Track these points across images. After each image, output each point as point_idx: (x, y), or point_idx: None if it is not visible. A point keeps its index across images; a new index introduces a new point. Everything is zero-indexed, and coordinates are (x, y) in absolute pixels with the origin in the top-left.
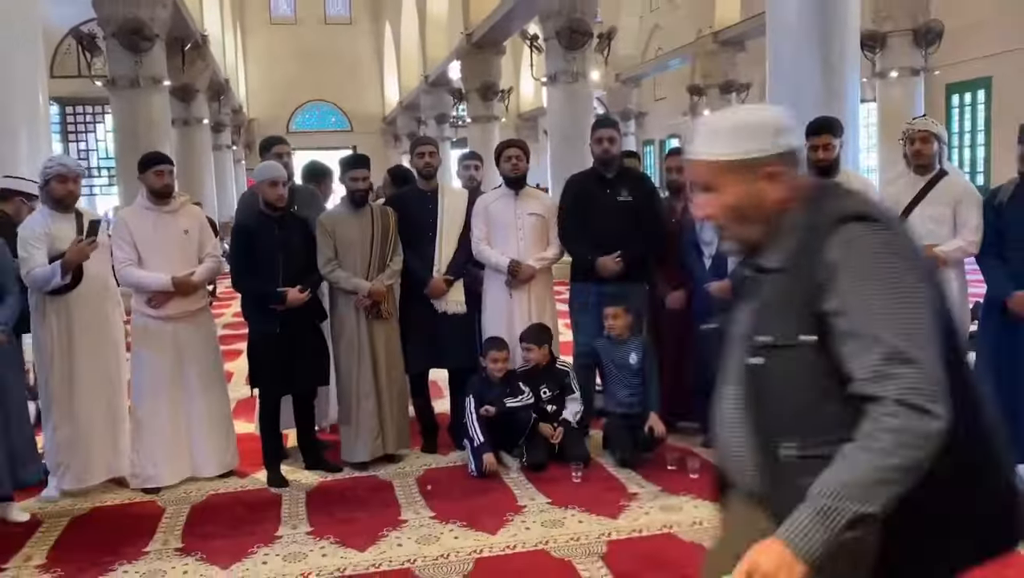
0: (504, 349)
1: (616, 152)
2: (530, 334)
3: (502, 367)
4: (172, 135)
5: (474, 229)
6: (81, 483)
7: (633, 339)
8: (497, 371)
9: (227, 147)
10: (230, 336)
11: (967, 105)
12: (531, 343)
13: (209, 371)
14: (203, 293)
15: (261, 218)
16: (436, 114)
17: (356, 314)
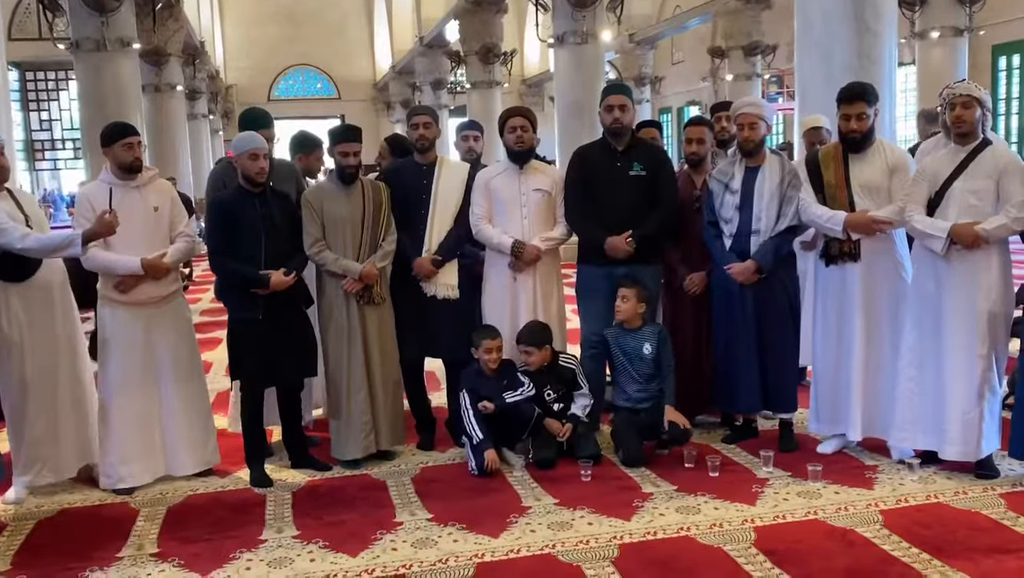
0: (497, 338)
1: (628, 121)
2: (527, 335)
3: (495, 358)
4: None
5: (474, 206)
6: (60, 476)
7: (647, 327)
8: (492, 362)
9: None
10: (208, 323)
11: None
12: (529, 345)
13: (185, 362)
14: (176, 276)
15: (240, 194)
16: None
17: (346, 299)
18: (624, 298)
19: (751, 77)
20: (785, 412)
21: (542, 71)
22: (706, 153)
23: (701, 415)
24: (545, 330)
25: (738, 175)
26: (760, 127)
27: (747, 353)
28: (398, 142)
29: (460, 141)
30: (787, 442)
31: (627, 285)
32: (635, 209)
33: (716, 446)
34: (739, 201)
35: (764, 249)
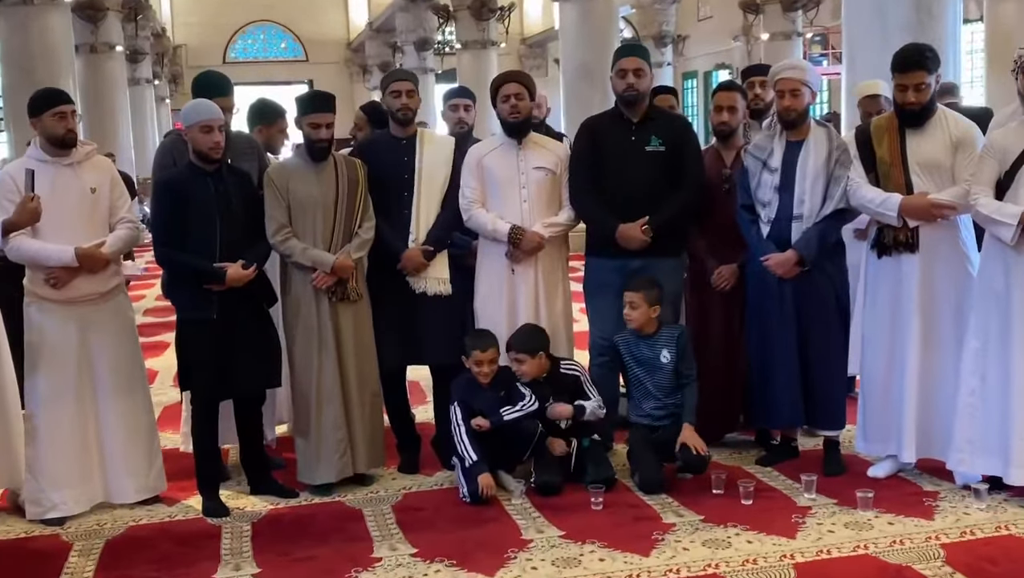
0: (489, 348)
1: (644, 88)
2: (518, 340)
3: (488, 371)
4: (75, 65)
5: (464, 188)
6: None
7: (664, 330)
8: (481, 377)
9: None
10: (153, 325)
11: None
12: (520, 352)
13: (126, 370)
14: (117, 269)
15: (192, 172)
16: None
17: (316, 296)
18: (632, 305)
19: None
20: (831, 429)
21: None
22: (738, 124)
23: (732, 433)
24: (540, 335)
25: (777, 151)
26: (804, 94)
27: (786, 359)
28: (377, 111)
29: (448, 111)
30: (833, 464)
31: (633, 289)
32: (653, 190)
33: (749, 469)
34: (779, 181)
35: (807, 237)
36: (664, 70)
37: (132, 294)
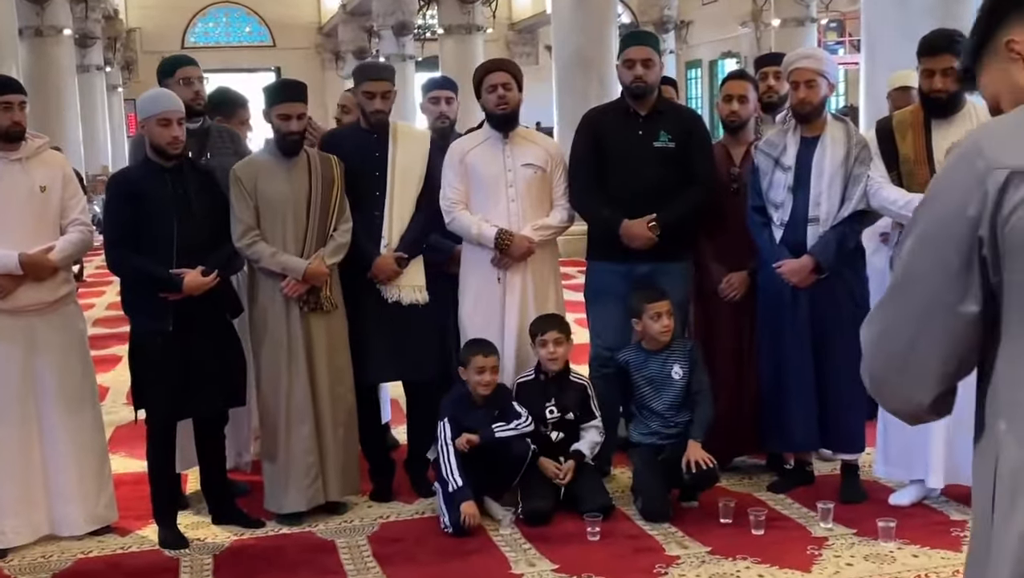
0: (491, 354)
1: (654, 80)
2: (549, 322)
3: (490, 381)
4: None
5: (446, 187)
6: None
7: (676, 343)
8: (483, 387)
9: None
10: (104, 337)
11: None
12: (557, 331)
13: (75, 387)
14: (67, 277)
15: (148, 169)
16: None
17: (286, 306)
18: (657, 315)
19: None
20: (849, 452)
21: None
22: (749, 116)
23: (741, 456)
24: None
25: (791, 147)
26: (820, 86)
27: (801, 376)
28: None
29: (428, 103)
30: (851, 491)
31: (659, 297)
32: (662, 190)
33: (760, 496)
34: (793, 180)
35: (825, 242)
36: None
37: (82, 302)
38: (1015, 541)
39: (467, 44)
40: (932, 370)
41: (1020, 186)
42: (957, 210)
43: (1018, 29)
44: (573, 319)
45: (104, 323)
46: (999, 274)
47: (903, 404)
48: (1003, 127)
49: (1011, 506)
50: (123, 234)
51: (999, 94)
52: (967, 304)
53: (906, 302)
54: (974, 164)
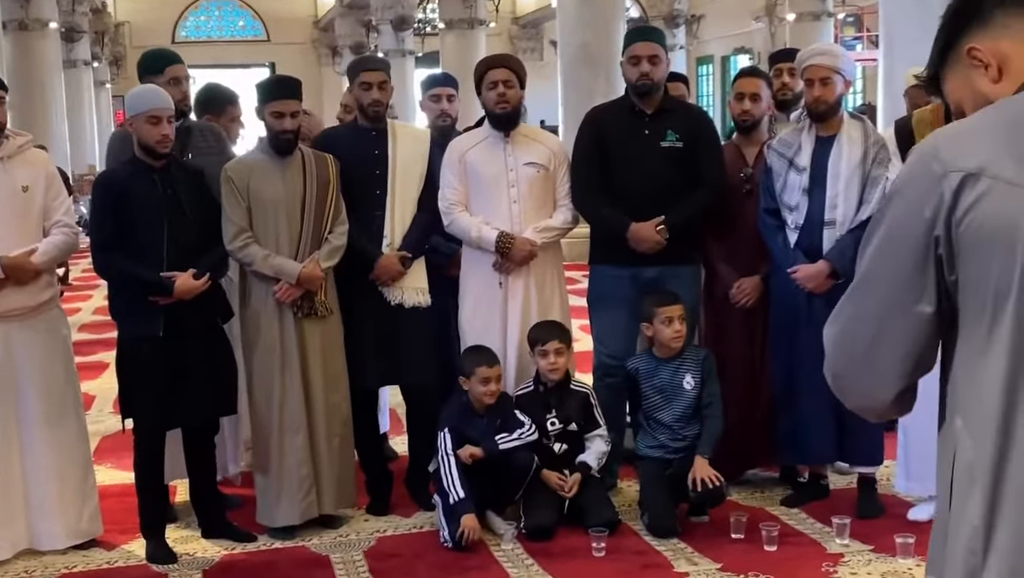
0: (496, 365)
1: (660, 77)
2: (550, 330)
3: (494, 391)
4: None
5: (445, 188)
6: None
7: (688, 352)
8: (487, 397)
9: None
10: (90, 342)
11: None
12: (559, 340)
13: (58, 395)
14: (51, 280)
15: (136, 168)
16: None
17: (279, 311)
18: (668, 320)
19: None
20: (866, 465)
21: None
22: (762, 115)
23: (753, 469)
24: (561, 325)
25: (806, 147)
26: (836, 83)
27: (816, 386)
28: None
29: (428, 101)
30: (868, 505)
31: (671, 301)
32: (669, 191)
33: (773, 510)
34: (808, 182)
35: (841, 246)
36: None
37: (66, 307)
38: (968, 531)
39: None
40: (892, 368)
41: (974, 188)
42: (915, 211)
43: (979, 37)
44: (578, 325)
45: (91, 328)
46: (954, 272)
47: (864, 400)
48: (958, 131)
49: (966, 498)
50: (111, 236)
51: (962, 100)
52: (922, 304)
53: (867, 301)
54: (930, 167)
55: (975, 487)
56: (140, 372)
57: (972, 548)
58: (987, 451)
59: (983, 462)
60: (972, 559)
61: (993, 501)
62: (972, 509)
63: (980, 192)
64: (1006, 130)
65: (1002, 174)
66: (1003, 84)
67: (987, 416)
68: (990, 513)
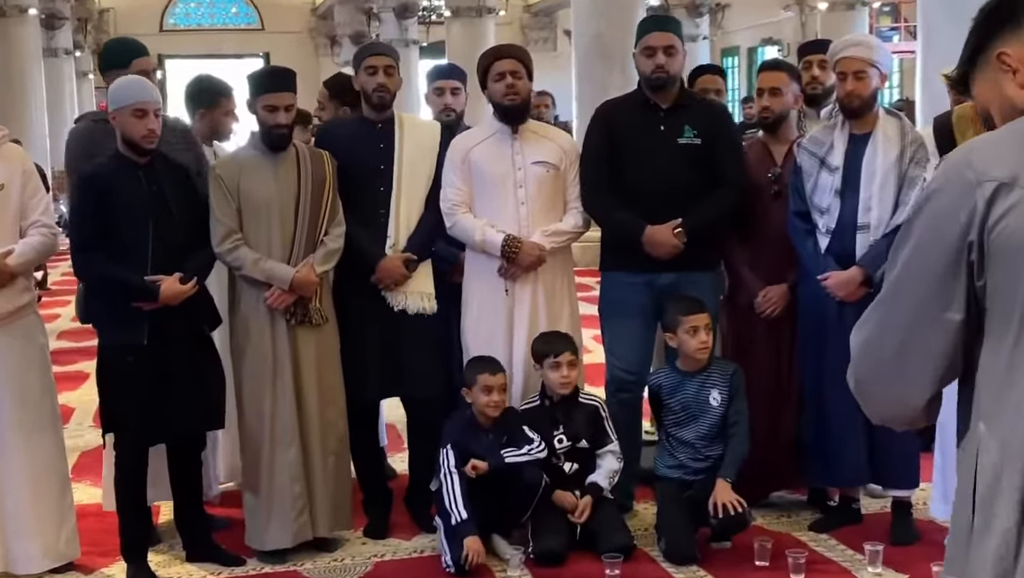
0: (499, 373)
1: (675, 69)
2: (556, 342)
3: (498, 402)
4: None
5: (447, 187)
6: None
7: (715, 366)
8: (491, 409)
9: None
10: (68, 351)
11: None
12: (570, 352)
13: (34, 406)
14: (28, 284)
15: (120, 164)
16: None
17: (271, 318)
18: (693, 330)
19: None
20: (901, 488)
21: None
22: (785, 111)
23: (779, 491)
24: (568, 336)
25: (839, 146)
26: (871, 77)
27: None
28: (344, 87)
29: (433, 94)
30: (903, 531)
31: (695, 309)
32: (687, 191)
33: (801, 536)
34: (840, 183)
35: (876, 252)
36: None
37: (43, 313)
38: (998, 535)
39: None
40: (922, 375)
41: (1007, 197)
42: (949, 219)
43: (1010, 41)
44: (591, 336)
45: (70, 336)
46: (983, 279)
47: (892, 407)
48: (991, 141)
49: (993, 501)
50: (92, 236)
51: (989, 104)
52: (952, 311)
53: (897, 307)
54: (964, 175)
55: (1002, 490)
56: (122, 383)
57: (1002, 553)
58: (1016, 458)
59: (1013, 466)
60: (1002, 564)
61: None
62: (1001, 513)
63: (1013, 201)
64: None
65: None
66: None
67: (1013, 423)
68: (1021, 517)
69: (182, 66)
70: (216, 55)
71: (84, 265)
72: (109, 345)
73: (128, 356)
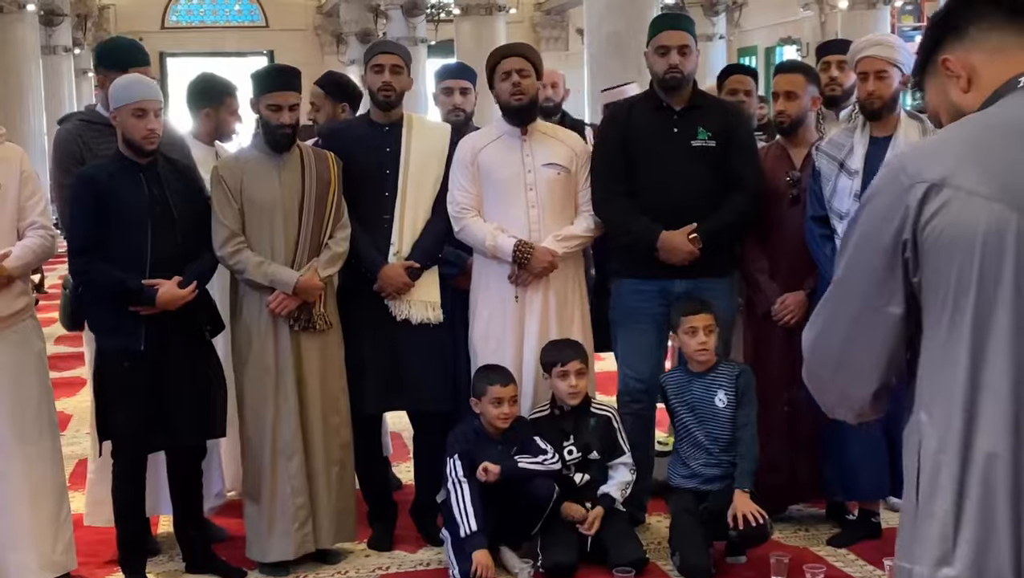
0: (510, 383)
1: (689, 69)
2: (564, 350)
3: (508, 414)
4: None
5: (455, 190)
6: None
7: (722, 366)
8: (501, 421)
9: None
10: (65, 356)
11: None
12: (579, 361)
13: (31, 414)
14: (25, 288)
15: (120, 165)
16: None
17: (273, 324)
18: (692, 330)
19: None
20: None
21: None
22: (801, 115)
23: (797, 504)
24: (578, 343)
25: (859, 149)
26: (892, 77)
27: None
28: (339, 85)
29: (442, 94)
30: None
31: (700, 310)
32: (701, 195)
33: (819, 550)
34: (860, 187)
35: None
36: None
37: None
38: (939, 518)
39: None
40: (867, 367)
41: (937, 197)
42: (885, 220)
43: (954, 49)
44: None
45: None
46: (918, 274)
47: (842, 400)
48: (927, 145)
49: (934, 487)
50: (90, 238)
51: (938, 108)
52: (892, 306)
53: (842, 303)
54: (898, 179)
55: (941, 476)
56: (120, 389)
57: (944, 533)
58: (954, 442)
59: (950, 453)
60: (944, 544)
61: (961, 489)
62: (941, 497)
63: (942, 202)
64: (970, 143)
65: (963, 184)
66: (971, 95)
67: (952, 409)
68: (959, 499)
69: (184, 64)
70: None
71: (81, 268)
72: (106, 350)
73: (124, 361)
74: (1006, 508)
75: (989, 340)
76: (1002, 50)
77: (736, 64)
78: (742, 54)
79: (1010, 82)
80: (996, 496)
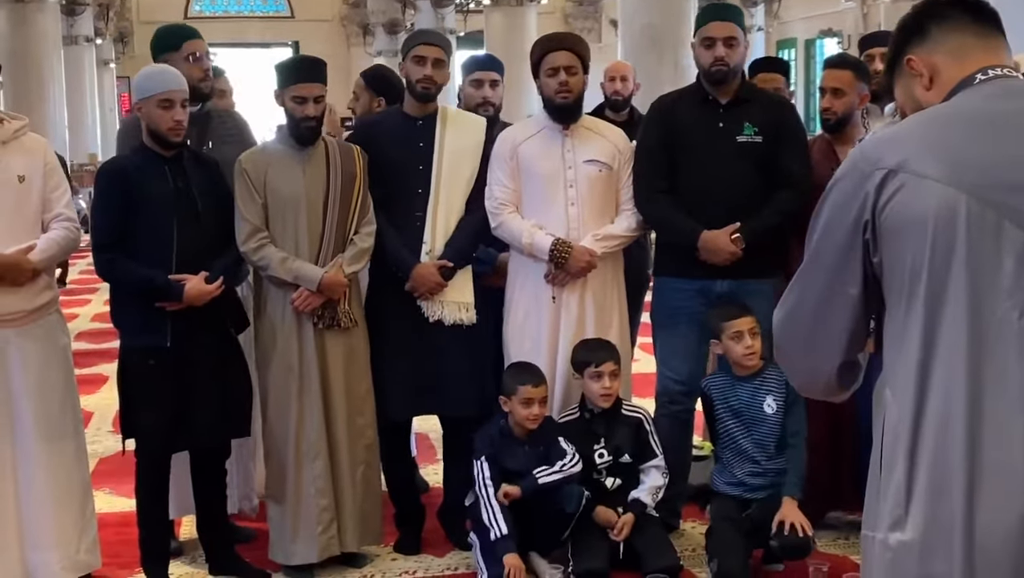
0: (541, 384)
1: (737, 62)
2: (598, 351)
3: (538, 415)
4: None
5: (493, 185)
6: None
7: (770, 371)
8: (530, 421)
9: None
10: (88, 353)
11: None
12: (613, 362)
13: (56, 411)
14: (50, 282)
15: (145, 158)
16: None
17: (298, 321)
18: (738, 335)
19: None
20: None
21: None
22: (848, 112)
23: (836, 512)
24: (613, 346)
25: None
26: None
27: None
28: (384, 79)
29: (470, 87)
30: None
31: (735, 313)
32: (746, 192)
33: (858, 560)
34: None
35: None
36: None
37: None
38: (895, 487)
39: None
40: (829, 343)
41: (893, 181)
42: (847, 204)
43: (917, 49)
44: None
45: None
46: (878, 255)
47: (808, 375)
48: (885, 135)
49: (893, 459)
50: (114, 233)
51: (905, 105)
52: (851, 286)
53: (809, 283)
54: (859, 166)
55: (898, 447)
56: (143, 387)
57: (898, 500)
58: (907, 416)
59: (904, 426)
60: (897, 511)
61: (912, 459)
62: (898, 466)
63: (897, 185)
64: (926, 131)
65: (917, 169)
66: (933, 92)
67: (906, 384)
68: (910, 469)
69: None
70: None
71: (104, 263)
72: (130, 347)
73: (150, 359)
74: (961, 472)
75: (942, 316)
76: (961, 50)
77: (766, 58)
78: (781, 47)
79: (967, 79)
80: (950, 460)
